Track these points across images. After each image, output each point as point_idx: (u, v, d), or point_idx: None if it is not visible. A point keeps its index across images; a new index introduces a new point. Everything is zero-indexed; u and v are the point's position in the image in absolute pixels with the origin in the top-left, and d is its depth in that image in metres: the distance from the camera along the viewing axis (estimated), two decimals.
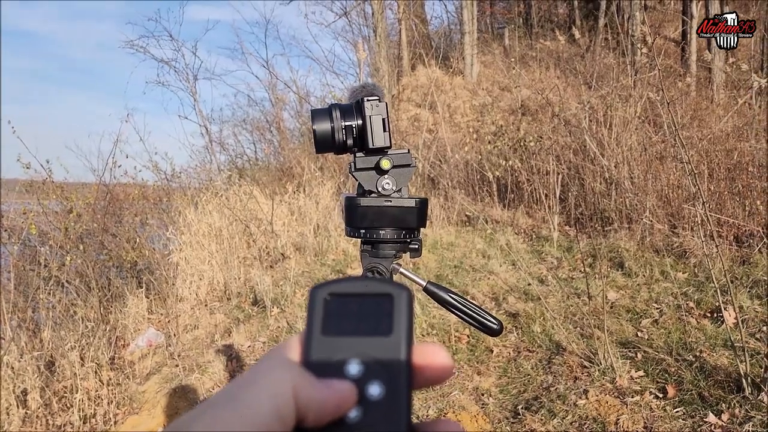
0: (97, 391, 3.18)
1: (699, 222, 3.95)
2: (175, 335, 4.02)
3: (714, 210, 4.19)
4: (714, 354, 2.66)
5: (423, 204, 0.94)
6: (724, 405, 2.23)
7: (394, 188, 0.93)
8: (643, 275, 3.90)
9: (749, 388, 2.25)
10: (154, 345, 3.95)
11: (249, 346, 3.73)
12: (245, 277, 4.92)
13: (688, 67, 8.98)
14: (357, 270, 4.99)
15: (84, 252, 4.66)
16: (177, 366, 3.52)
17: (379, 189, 0.93)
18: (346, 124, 0.93)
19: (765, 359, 2.40)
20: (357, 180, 0.95)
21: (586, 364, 2.75)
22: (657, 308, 3.35)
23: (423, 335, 3.41)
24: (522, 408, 2.52)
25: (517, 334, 3.29)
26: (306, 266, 5.24)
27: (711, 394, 2.33)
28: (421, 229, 0.97)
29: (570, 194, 5.57)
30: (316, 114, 0.94)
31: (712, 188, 4.44)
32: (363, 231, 0.93)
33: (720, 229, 4.07)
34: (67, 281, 4.31)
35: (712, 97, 8.11)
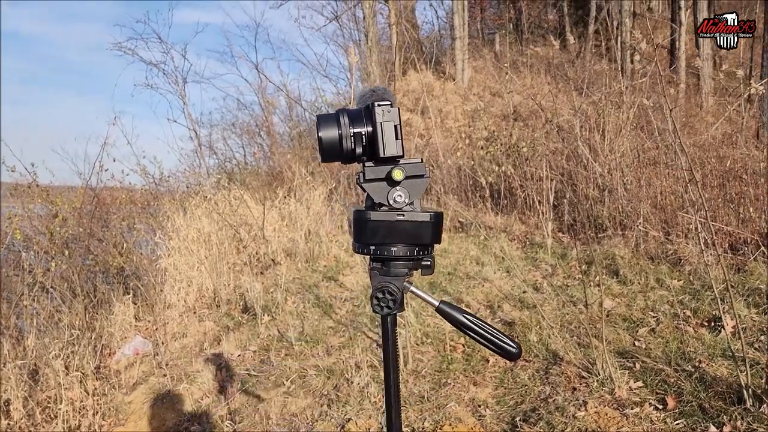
0: (82, 401, 3.09)
1: (694, 229, 3.94)
2: (162, 343, 3.93)
3: (708, 217, 4.18)
4: (713, 364, 2.63)
5: (438, 218, 0.87)
6: (725, 417, 2.20)
7: (406, 201, 0.86)
8: (639, 283, 3.88)
9: (750, 400, 2.22)
10: (141, 353, 3.86)
11: (239, 355, 3.65)
12: (235, 284, 4.83)
13: (678, 74, 9.05)
14: (349, 277, 4.92)
15: (69, 257, 4.56)
16: (165, 375, 3.44)
17: (391, 202, 0.86)
18: (355, 131, 0.86)
19: (766, 370, 2.37)
20: (366, 192, 0.88)
21: (584, 374, 2.71)
22: (653, 317, 3.32)
23: (418, 344, 3.35)
24: (520, 420, 2.47)
25: None
26: (297, 272, 5.16)
27: (712, 405, 2.30)
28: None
29: (564, 200, 5.55)
30: (323, 120, 0.87)
31: (706, 195, 4.44)
32: (373, 247, 0.87)
33: (714, 237, 4.06)
34: (51, 287, 4.20)
35: (701, 104, 8.18)
